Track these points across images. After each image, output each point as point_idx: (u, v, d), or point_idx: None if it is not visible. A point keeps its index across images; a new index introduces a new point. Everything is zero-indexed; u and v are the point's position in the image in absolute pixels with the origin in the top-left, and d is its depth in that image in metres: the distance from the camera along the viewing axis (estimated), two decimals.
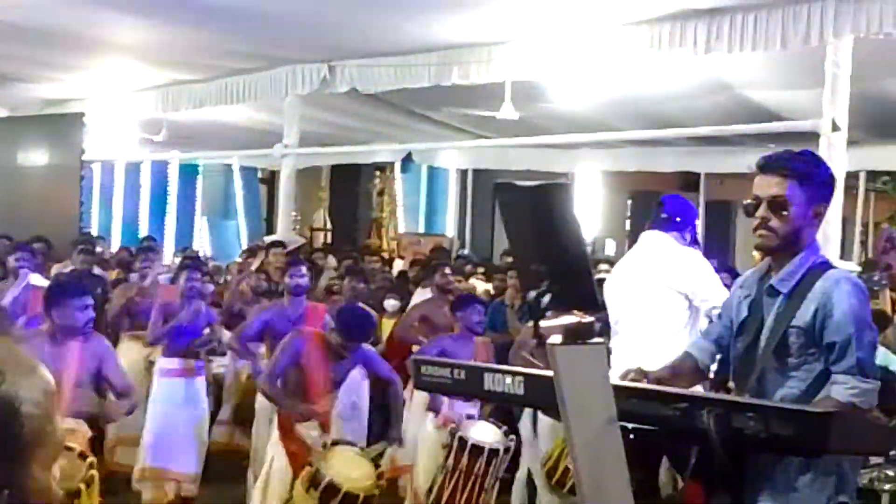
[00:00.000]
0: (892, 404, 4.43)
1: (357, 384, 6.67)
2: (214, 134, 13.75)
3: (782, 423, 2.42)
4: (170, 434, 6.52)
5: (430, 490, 5.65)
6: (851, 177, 9.48)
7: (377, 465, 5.26)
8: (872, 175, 12.52)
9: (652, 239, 5.27)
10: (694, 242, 5.35)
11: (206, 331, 6.94)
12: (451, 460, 5.50)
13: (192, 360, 6.84)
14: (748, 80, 8.41)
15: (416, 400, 6.51)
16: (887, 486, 5.37)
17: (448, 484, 5.52)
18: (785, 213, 3.11)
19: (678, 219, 5.22)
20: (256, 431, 6.67)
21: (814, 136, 6.41)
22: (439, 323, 7.31)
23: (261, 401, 6.40)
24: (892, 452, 5.51)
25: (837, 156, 6.18)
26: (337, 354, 5.53)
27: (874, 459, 5.40)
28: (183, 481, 6.60)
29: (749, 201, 3.20)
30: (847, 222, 9.61)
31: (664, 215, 5.24)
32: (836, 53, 6.31)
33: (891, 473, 5.45)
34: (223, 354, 7.60)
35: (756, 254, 3.46)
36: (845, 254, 9.37)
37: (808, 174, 3.12)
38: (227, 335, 7.29)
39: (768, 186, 3.14)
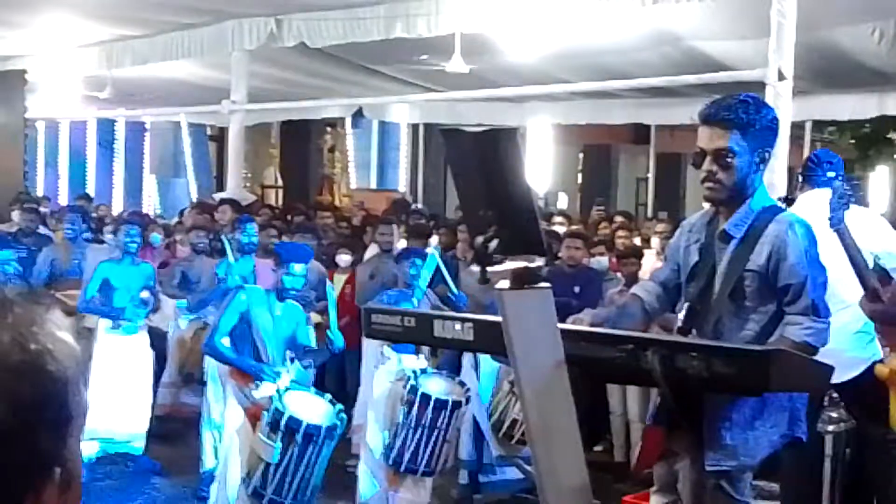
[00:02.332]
0: None
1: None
2: (161, 91, 13.53)
3: (724, 363, 2.48)
4: (112, 392, 6.49)
5: (390, 446, 5.64)
6: (798, 127, 9.61)
7: (333, 404, 5.27)
8: (818, 125, 12.68)
9: (821, 200, 4.98)
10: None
11: (145, 294, 6.92)
12: (412, 416, 5.52)
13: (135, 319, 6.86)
14: (696, 31, 8.45)
15: (368, 356, 6.53)
16: (831, 428, 5.50)
17: (411, 439, 5.54)
18: (730, 164, 3.13)
19: (840, 176, 4.75)
20: (207, 393, 6.63)
21: (760, 86, 6.46)
22: (387, 279, 7.34)
23: (209, 362, 6.35)
24: (835, 394, 5.68)
25: (784, 105, 6.23)
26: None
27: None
28: (129, 440, 6.65)
29: (695, 153, 3.22)
30: (793, 172, 9.73)
31: (831, 173, 4.80)
32: (782, 3, 6.34)
33: (834, 415, 5.58)
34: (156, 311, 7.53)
35: (706, 205, 3.49)
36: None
37: (751, 122, 3.13)
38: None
39: (711, 139, 3.16)
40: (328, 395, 5.39)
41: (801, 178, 5.08)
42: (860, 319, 4.21)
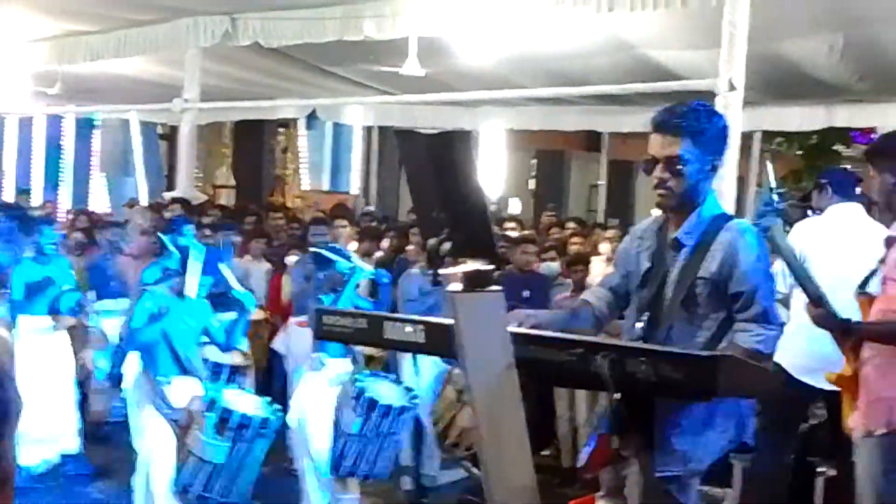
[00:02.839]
0: None
1: None
2: (112, 87, 13.35)
3: (672, 368, 2.50)
4: (40, 392, 6.37)
5: (337, 453, 5.59)
6: (747, 137, 9.73)
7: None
8: (768, 135, 12.86)
9: (855, 213, 5.11)
10: None
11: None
12: (363, 422, 5.46)
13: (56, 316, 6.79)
14: (649, 40, 8.54)
15: (293, 360, 6.47)
16: None
17: (359, 445, 5.50)
18: (681, 172, 3.15)
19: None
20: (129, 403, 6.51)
21: (711, 96, 6.54)
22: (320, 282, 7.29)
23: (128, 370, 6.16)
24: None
25: (734, 115, 6.30)
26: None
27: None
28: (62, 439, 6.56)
29: (647, 160, 3.23)
30: (742, 182, 9.87)
31: (859, 189, 5.09)
32: (734, 13, 6.43)
33: None
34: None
35: (656, 212, 3.52)
36: (740, 213, 9.64)
37: (702, 130, 3.15)
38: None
39: (663, 146, 3.17)
40: (250, 390, 5.39)
41: (829, 191, 5.22)
42: None
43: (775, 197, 7.30)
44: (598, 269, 7.37)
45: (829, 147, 16.09)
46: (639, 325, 3.36)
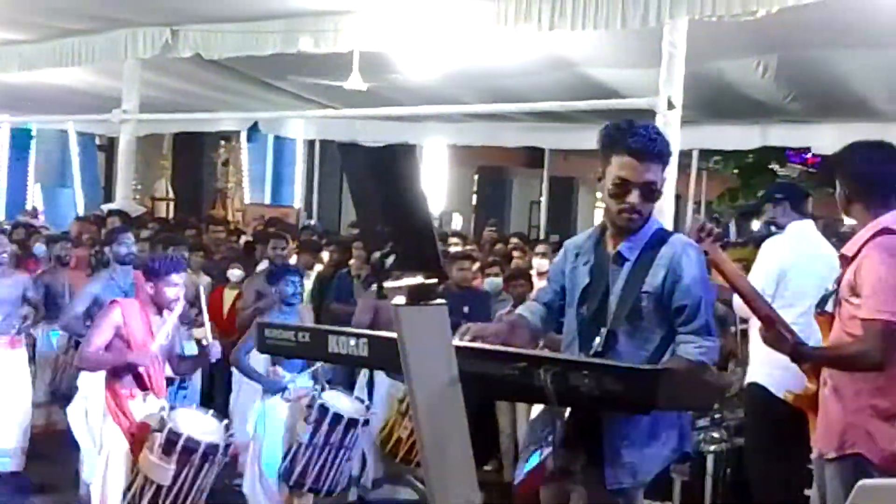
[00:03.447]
0: None
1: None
2: (49, 98, 13.12)
3: (613, 381, 2.52)
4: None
5: (289, 466, 5.54)
6: (685, 155, 9.91)
7: (220, 419, 5.18)
8: (704, 154, 13.08)
9: (813, 230, 5.19)
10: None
11: (26, 309, 6.72)
12: (319, 434, 5.42)
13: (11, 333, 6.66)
14: (589, 58, 8.64)
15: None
16: (712, 448, 5.67)
17: (317, 457, 5.45)
18: (655, 197, 3.22)
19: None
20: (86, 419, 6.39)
21: (651, 114, 6.65)
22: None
23: (86, 384, 6.02)
24: (716, 416, 5.85)
25: (672, 133, 6.41)
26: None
27: (701, 422, 5.70)
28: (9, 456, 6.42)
29: (618, 182, 3.18)
30: (680, 199, 10.02)
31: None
32: (673, 34, 6.55)
33: (716, 435, 5.75)
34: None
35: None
36: (678, 229, 9.77)
37: (669, 153, 3.22)
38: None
39: (641, 172, 3.15)
40: (212, 411, 5.30)
41: (787, 206, 5.23)
42: None
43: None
44: (539, 285, 7.42)
45: (765, 165, 16.42)
46: (597, 339, 3.30)
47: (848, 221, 4.28)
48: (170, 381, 5.80)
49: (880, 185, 3.56)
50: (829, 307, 3.69)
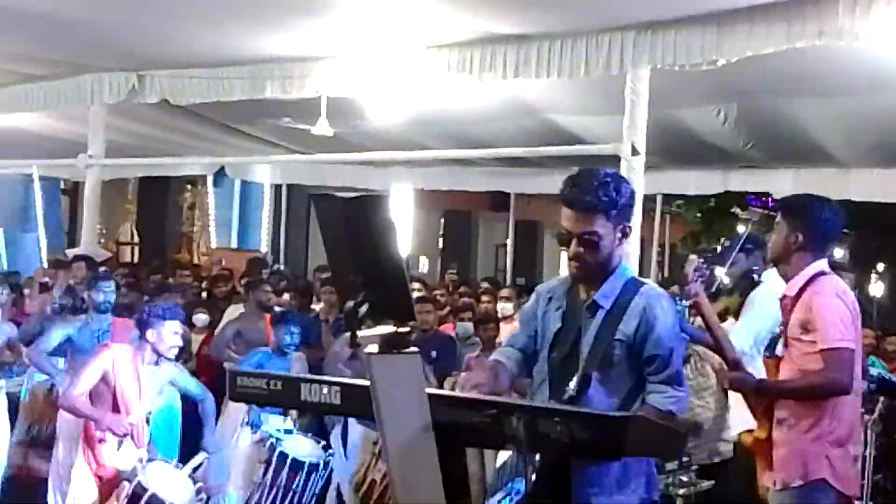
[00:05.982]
0: None
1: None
2: (12, 142, 13.05)
3: (583, 428, 2.56)
4: None
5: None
6: (649, 200, 10.04)
7: (195, 481, 5.15)
8: (668, 198, 13.26)
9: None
10: None
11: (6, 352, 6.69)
12: (269, 476, 5.43)
13: None
14: (554, 105, 8.76)
15: (230, 416, 6.40)
16: (681, 491, 5.70)
17: (266, 499, 5.45)
18: (597, 245, 3.20)
19: None
20: (56, 454, 6.38)
21: (615, 160, 6.75)
22: (252, 339, 7.26)
23: (63, 421, 6.10)
24: (685, 459, 5.89)
25: (637, 179, 6.50)
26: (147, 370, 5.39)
27: (669, 466, 5.74)
28: None
29: (562, 232, 3.24)
30: (645, 243, 10.13)
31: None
32: (635, 82, 6.67)
33: (685, 479, 5.78)
34: (21, 374, 7.26)
35: (564, 270, 3.59)
36: (643, 273, 9.88)
37: (613, 203, 3.18)
38: (25, 351, 6.99)
39: (577, 223, 3.19)
40: (185, 467, 5.27)
41: (759, 255, 5.42)
42: None
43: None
44: (505, 329, 7.45)
45: (727, 210, 16.68)
46: (571, 384, 3.30)
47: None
48: None
49: (829, 236, 4.00)
50: (778, 350, 3.92)
